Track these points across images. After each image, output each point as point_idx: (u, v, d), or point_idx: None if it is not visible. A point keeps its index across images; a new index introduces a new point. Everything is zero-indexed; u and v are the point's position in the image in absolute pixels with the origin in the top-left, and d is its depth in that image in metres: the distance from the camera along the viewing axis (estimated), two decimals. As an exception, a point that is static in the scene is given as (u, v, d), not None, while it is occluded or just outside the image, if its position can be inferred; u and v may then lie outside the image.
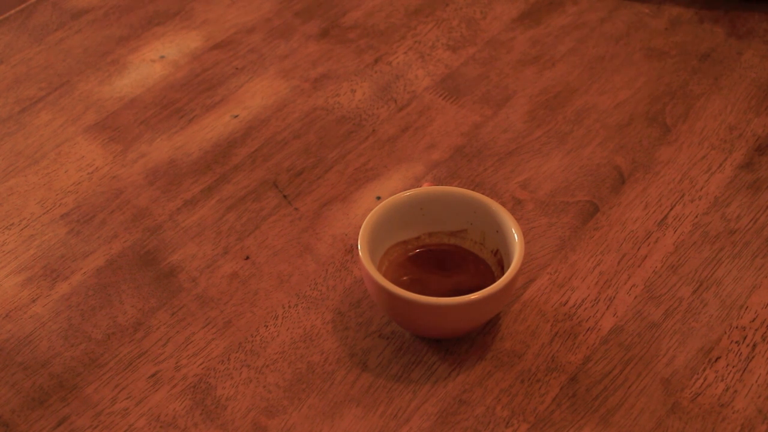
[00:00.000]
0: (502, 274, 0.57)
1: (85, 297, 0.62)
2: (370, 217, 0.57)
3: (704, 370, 0.56)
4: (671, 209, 0.66)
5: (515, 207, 0.67)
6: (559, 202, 0.67)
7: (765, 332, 0.58)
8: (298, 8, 0.88)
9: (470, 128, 0.74)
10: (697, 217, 0.65)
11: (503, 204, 0.66)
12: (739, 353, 0.57)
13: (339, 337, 0.59)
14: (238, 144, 0.73)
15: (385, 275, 0.58)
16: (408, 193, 0.60)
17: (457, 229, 0.61)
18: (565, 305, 0.60)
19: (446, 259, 0.61)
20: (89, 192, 0.70)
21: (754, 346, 0.57)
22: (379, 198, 0.68)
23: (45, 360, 0.58)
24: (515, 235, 0.56)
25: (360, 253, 0.55)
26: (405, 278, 0.59)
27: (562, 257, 0.63)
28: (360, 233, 0.56)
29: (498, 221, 0.58)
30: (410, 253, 0.61)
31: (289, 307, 0.61)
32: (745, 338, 0.57)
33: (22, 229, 0.67)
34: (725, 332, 0.58)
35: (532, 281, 0.62)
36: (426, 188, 0.60)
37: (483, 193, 0.63)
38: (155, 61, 0.82)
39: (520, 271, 0.55)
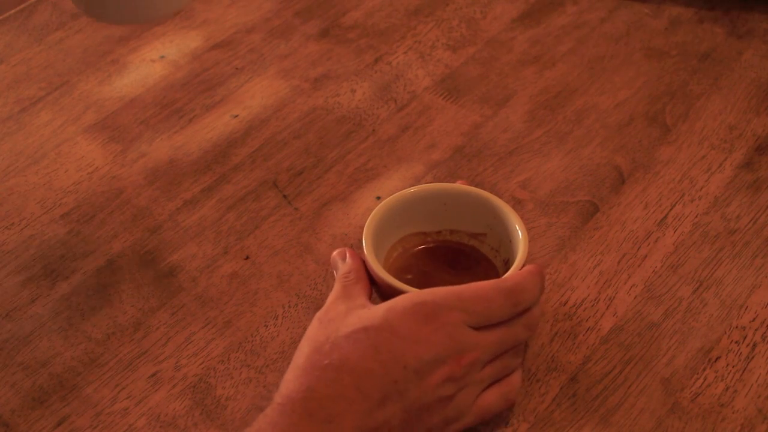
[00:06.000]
0: None
1: (85, 297, 0.62)
2: (378, 208, 0.57)
3: (704, 369, 0.56)
4: (671, 209, 0.66)
5: (515, 207, 0.67)
6: (559, 202, 0.67)
7: (765, 332, 0.58)
8: (298, 8, 0.88)
9: (470, 128, 0.74)
10: (697, 217, 0.65)
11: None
12: (739, 353, 0.57)
13: (339, 337, 0.59)
14: (238, 144, 0.73)
15: (396, 260, 0.58)
16: (431, 186, 0.59)
17: (478, 231, 0.60)
18: (565, 305, 0.60)
19: (459, 259, 0.60)
20: (89, 192, 0.70)
21: (754, 345, 0.57)
22: (378, 198, 0.68)
23: (45, 360, 0.58)
24: (520, 245, 0.55)
25: (363, 243, 0.55)
26: (413, 269, 0.59)
27: (562, 257, 0.63)
28: (368, 220, 0.56)
29: (510, 231, 0.57)
30: (427, 245, 0.60)
31: (289, 307, 0.61)
32: (745, 338, 0.57)
33: (22, 229, 0.67)
34: (725, 332, 0.58)
35: (532, 281, 0.62)
36: (450, 185, 0.59)
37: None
38: (155, 61, 0.82)
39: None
